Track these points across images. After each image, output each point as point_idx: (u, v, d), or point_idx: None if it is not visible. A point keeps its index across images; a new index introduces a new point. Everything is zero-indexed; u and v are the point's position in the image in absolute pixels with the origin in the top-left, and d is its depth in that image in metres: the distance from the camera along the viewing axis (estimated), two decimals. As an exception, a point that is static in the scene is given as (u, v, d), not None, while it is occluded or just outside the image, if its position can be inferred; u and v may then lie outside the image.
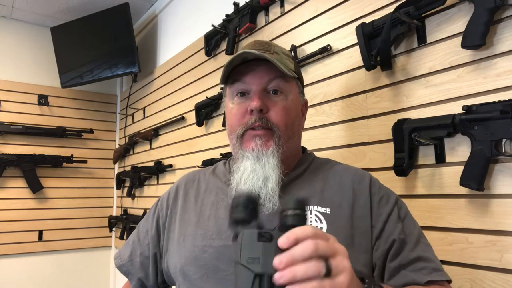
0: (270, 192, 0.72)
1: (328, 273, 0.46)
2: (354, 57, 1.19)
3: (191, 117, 2.05)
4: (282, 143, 0.75)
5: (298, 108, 0.82)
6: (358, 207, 0.73)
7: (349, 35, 1.21)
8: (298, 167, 0.81)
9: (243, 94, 0.78)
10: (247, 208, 0.52)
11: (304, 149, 0.89)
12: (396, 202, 0.75)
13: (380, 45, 1.06)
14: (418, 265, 0.68)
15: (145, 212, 2.50)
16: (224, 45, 1.85)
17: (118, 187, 2.98)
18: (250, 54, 0.74)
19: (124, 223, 2.70)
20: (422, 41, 1.02)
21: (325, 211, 0.72)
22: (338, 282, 0.46)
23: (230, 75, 0.80)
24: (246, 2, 1.63)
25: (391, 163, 1.04)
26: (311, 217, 0.72)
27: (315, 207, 0.73)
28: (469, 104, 0.88)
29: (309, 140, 1.32)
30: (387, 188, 0.79)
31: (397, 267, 0.68)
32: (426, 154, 1.00)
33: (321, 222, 0.71)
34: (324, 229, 0.70)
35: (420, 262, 0.69)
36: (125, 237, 2.69)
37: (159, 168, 2.34)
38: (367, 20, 1.12)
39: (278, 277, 0.44)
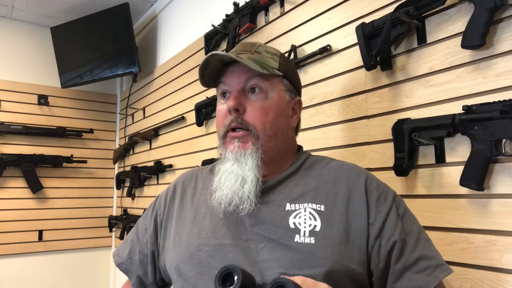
0: (246, 194, 0.73)
1: None
2: (354, 57, 1.19)
3: (191, 117, 2.06)
4: (262, 143, 0.75)
5: (281, 106, 0.79)
6: (353, 204, 0.73)
7: (349, 35, 1.21)
8: (292, 165, 0.81)
9: (226, 95, 0.80)
10: None
11: (299, 147, 0.89)
12: (394, 200, 0.75)
13: (380, 45, 1.06)
14: (421, 265, 0.69)
15: (145, 212, 2.49)
16: (224, 45, 1.85)
17: (118, 187, 2.98)
18: (220, 56, 0.75)
19: (124, 223, 2.70)
20: (422, 41, 1.02)
21: (319, 208, 0.72)
22: None
23: (218, 78, 0.81)
24: (246, 2, 1.63)
25: (391, 163, 1.04)
26: (305, 215, 0.72)
27: (310, 204, 0.73)
28: (469, 104, 0.88)
29: (309, 140, 1.32)
30: (384, 184, 0.78)
31: (401, 269, 0.69)
32: (426, 154, 1.00)
33: (315, 219, 0.71)
34: (318, 227, 0.70)
35: (422, 261, 0.69)
36: (125, 237, 2.69)
37: (159, 168, 2.34)
38: (367, 20, 1.12)
39: None
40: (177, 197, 0.88)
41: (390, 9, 1.06)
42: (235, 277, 0.52)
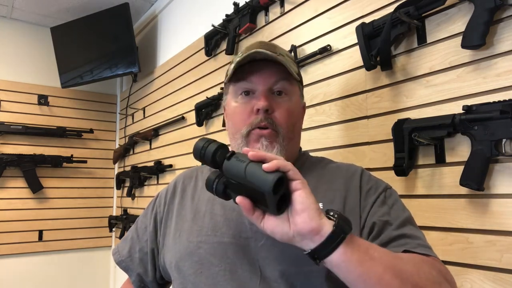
0: None
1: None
2: (354, 57, 1.19)
3: (191, 117, 2.06)
4: (285, 144, 0.76)
5: (299, 110, 0.83)
6: (349, 201, 0.73)
7: (349, 35, 1.21)
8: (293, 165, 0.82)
9: (248, 93, 0.79)
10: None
11: (299, 148, 0.89)
12: (383, 191, 0.74)
13: (380, 45, 1.06)
14: (401, 242, 0.66)
15: (145, 212, 2.49)
16: (224, 45, 1.85)
17: (118, 187, 2.98)
18: (261, 54, 0.75)
19: (124, 223, 2.70)
20: (422, 41, 1.02)
21: None
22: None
23: (234, 73, 0.80)
24: (246, 2, 1.63)
25: (391, 163, 1.04)
26: None
27: None
28: (469, 104, 0.88)
29: (309, 140, 1.32)
30: (377, 179, 0.79)
31: (379, 245, 0.66)
32: (426, 154, 1.00)
33: None
34: None
35: (404, 239, 0.66)
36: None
37: (159, 168, 2.34)
38: (367, 20, 1.12)
39: (252, 153, 0.55)
40: (177, 195, 0.88)
41: (390, 9, 1.06)
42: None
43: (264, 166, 0.53)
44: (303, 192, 0.53)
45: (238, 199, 0.55)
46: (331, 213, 0.55)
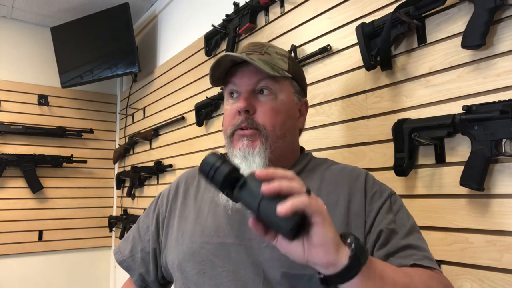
0: None
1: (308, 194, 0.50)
2: (354, 57, 1.19)
3: (191, 117, 2.06)
4: (270, 143, 0.75)
5: (290, 108, 0.81)
6: (353, 204, 0.73)
7: (349, 35, 1.21)
8: (295, 166, 0.81)
9: (234, 95, 0.80)
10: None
11: (302, 149, 0.89)
12: (389, 197, 0.75)
13: (380, 45, 1.06)
14: (408, 252, 0.66)
15: (145, 212, 2.49)
16: (224, 45, 1.85)
17: (118, 187, 2.98)
18: (233, 57, 0.76)
19: (124, 223, 2.71)
20: (422, 41, 1.02)
21: None
22: (319, 201, 0.50)
23: (226, 77, 0.81)
24: (246, 2, 1.63)
25: (391, 163, 1.04)
26: None
27: None
28: (469, 104, 0.88)
29: (309, 140, 1.32)
30: (382, 183, 0.79)
31: (385, 255, 0.67)
32: (426, 154, 1.00)
33: None
34: None
35: (411, 249, 0.67)
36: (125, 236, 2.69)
37: (159, 168, 2.34)
38: (367, 20, 1.12)
39: (265, 187, 0.48)
40: (179, 195, 0.88)
41: (390, 9, 1.06)
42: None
43: (279, 210, 0.47)
44: (323, 227, 0.49)
45: (251, 223, 0.52)
46: (348, 240, 0.52)
